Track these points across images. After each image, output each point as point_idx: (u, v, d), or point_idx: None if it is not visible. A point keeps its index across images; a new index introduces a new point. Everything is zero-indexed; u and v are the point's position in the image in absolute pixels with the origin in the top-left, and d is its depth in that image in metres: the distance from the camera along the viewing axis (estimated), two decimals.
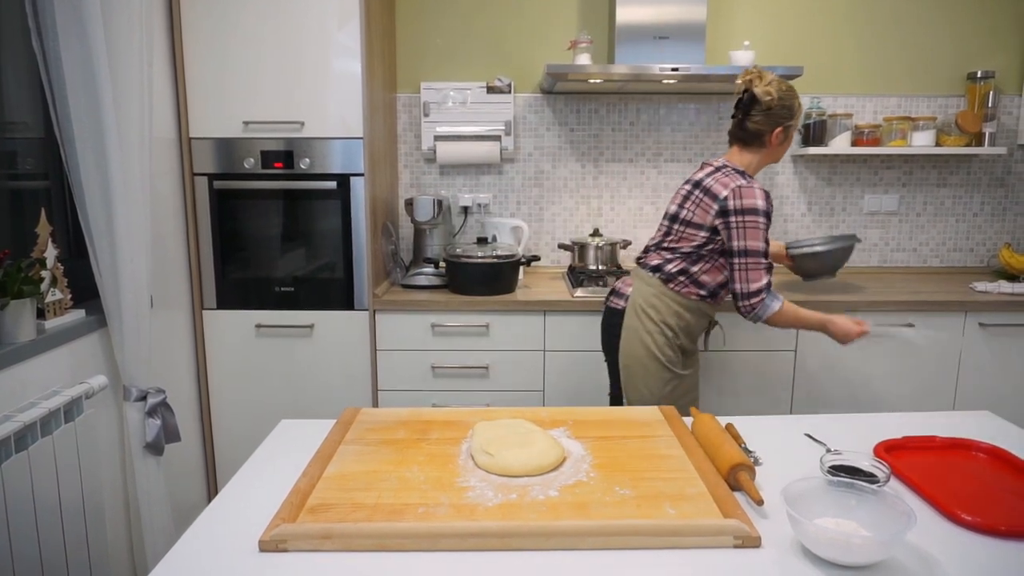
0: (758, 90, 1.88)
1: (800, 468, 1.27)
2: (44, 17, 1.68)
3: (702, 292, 1.97)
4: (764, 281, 1.87)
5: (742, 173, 1.90)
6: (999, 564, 0.99)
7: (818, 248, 2.53)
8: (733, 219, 1.85)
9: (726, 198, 1.85)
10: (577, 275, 2.66)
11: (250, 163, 2.40)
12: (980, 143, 2.84)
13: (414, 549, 1.02)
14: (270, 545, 1.02)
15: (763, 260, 1.86)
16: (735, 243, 1.86)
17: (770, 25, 2.91)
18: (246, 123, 2.37)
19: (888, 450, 1.32)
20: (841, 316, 1.94)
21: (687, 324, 1.99)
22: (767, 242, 1.87)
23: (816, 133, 2.87)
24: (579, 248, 2.76)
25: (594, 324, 2.32)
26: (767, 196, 1.87)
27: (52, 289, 1.76)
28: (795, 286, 2.63)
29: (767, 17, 2.91)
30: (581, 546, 1.02)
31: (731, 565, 0.99)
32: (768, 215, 1.85)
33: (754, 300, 1.88)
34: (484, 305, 2.46)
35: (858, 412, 1.73)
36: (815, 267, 2.54)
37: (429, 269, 2.66)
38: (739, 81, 1.93)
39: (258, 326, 2.48)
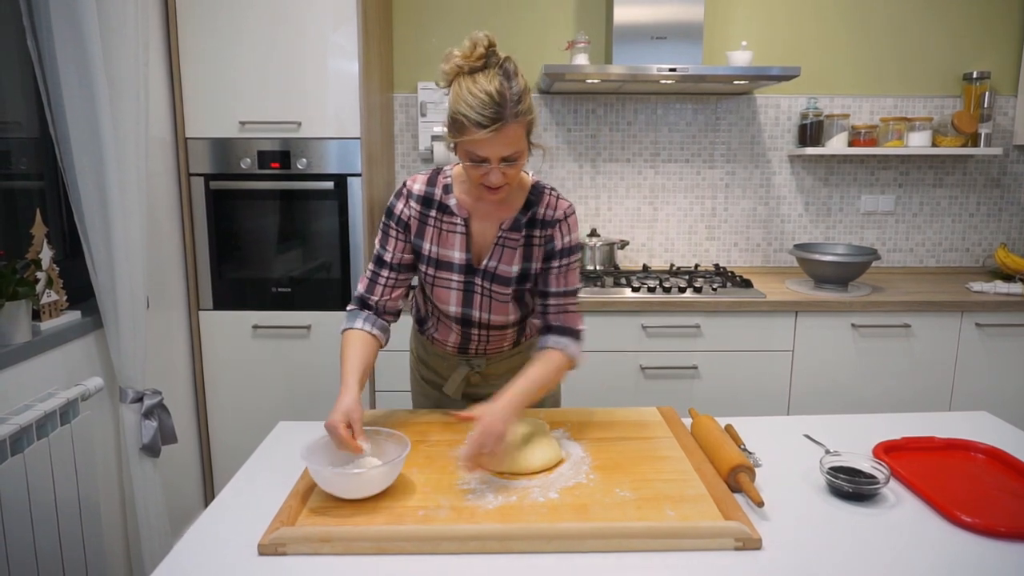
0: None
1: (799, 469, 1.27)
2: (39, 16, 1.66)
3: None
4: (358, 287, 1.47)
5: (438, 170, 1.45)
6: (999, 566, 0.99)
7: (831, 258, 2.55)
8: None
9: None
10: None
11: (247, 163, 2.39)
12: (976, 144, 2.85)
13: (414, 552, 1.02)
14: (269, 549, 1.01)
15: (368, 265, 1.47)
16: None
17: (767, 25, 2.91)
18: (242, 123, 2.36)
19: (887, 451, 1.32)
20: (348, 408, 1.22)
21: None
22: (380, 241, 1.45)
23: (813, 133, 2.88)
24: None
25: (592, 324, 2.32)
26: (400, 190, 1.42)
27: (47, 291, 1.75)
28: (803, 283, 2.64)
29: (764, 17, 2.91)
30: (581, 548, 1.02)
31: (732, 567, 0.99)
32: (389, 211, 1.42)
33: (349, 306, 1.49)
34: None
35: (853, 412, 1.73)
36: (827, 273, 2.57)
37: None
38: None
39: (255, 327, 2.47)
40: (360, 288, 1.46)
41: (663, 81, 2.55)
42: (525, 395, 1.29)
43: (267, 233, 2.45)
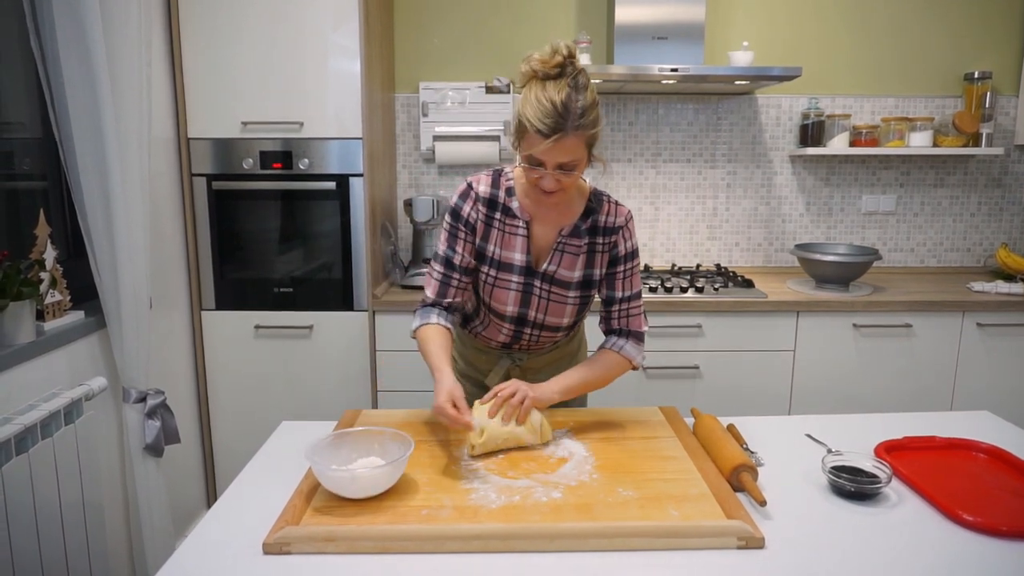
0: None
1: (801, 468, 1.27)
2: (42, 17, 1.67)
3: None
4: (427, 292, 1.48)
5: (499, 171, 1.47)
6: (1000, 565, 0.99)
7: (833, 258, 2.55)
8: None
9: None
10: None
11: (249, 163, 2.39)
12: (977, 144, 2.85)
13: (417, 551, 1.02)
14: (274, 548, 1.02)
15: (434, 267, 1.48)
16: None
17: (768, 25, 2.91)
18: (245, 123, 2.36)
19: (889, 450, 1.33)
20: (451, 389, 1.28)
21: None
22: (447, 243, 1.45)
23: (814, 133, 2.88)
24: None
25: (594, 324, 2.32)
26: (467, 192, 1.43)
27: (51, 291, 1.75)
28: (804, 283, 2.64)
29: (765, 17, 2.91)
30: (584, 548, 1.03)
31: (735, 566, 0.99)
32: (455, 213, 1.44)
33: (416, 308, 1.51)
34: None
35: (855, 412, 1.73)
36: (829, 273, 2.57)
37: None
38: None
39: (257, 327, 2.48)
40: (429, 293, 1.47)
41: (664, 81, 2.55)
42: (568, 386, 1.39)
43: (269, 233, 2.45)
